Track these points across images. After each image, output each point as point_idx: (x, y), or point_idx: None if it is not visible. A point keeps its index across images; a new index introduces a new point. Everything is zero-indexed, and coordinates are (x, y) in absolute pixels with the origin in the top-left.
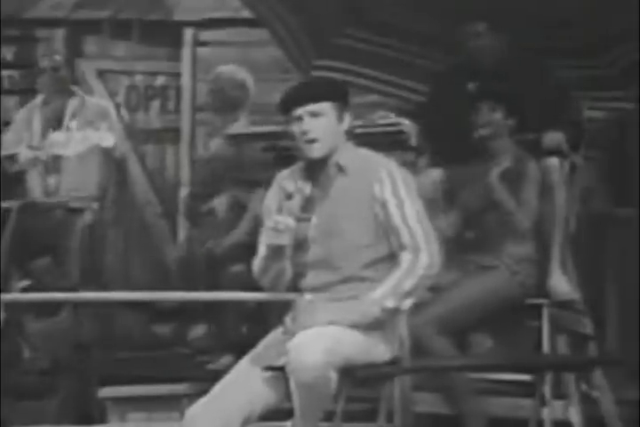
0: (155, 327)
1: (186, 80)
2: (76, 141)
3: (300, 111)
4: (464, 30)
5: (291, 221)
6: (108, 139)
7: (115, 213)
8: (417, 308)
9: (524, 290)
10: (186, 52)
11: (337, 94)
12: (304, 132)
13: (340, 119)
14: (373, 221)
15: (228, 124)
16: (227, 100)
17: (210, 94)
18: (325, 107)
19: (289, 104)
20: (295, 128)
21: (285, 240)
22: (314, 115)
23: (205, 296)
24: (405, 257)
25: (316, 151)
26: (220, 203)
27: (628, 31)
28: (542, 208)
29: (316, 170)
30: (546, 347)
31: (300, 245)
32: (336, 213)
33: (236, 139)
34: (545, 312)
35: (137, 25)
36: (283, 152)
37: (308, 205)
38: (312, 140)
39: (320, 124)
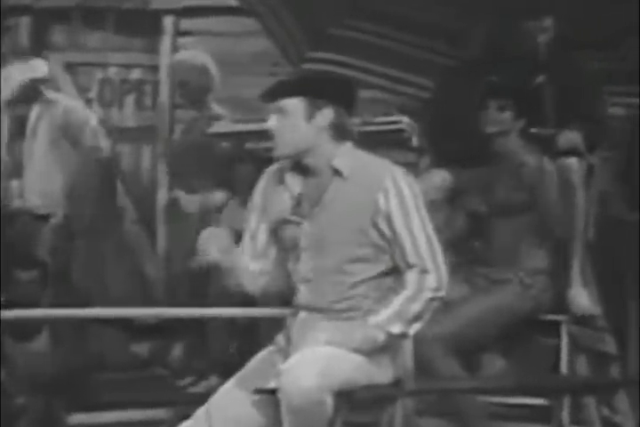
0: (133, 346)
1: (164, 74)
2: (6, 79)
3: (271, 107)
4: (531, 25)
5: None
6: (39, 68)
7: (85, 220)
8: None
9: (537, 305)
10: (164, 43)
11: (309, 89)
12: (270, 131)
13: (310, 117)
14: (375, 233)
15: (201, 117)
16: (192, 91)
17: (176, 88)
18: (291, 104)
19: (265, 99)
20: None
21: (212, 258)
22: (280, 111)
23: (189, 312)
24: (412, 278)
25: (277, 150)
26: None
27: None
28: (561, 214)
29: (306, 170)
30: (564, 367)
31: (290, 252)
32: (331, 221)
33: (218, 137)
34: (563, 329)
35: (110, 13)
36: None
37: (298, 207)
38: (275, 139)
39: (284, 123)
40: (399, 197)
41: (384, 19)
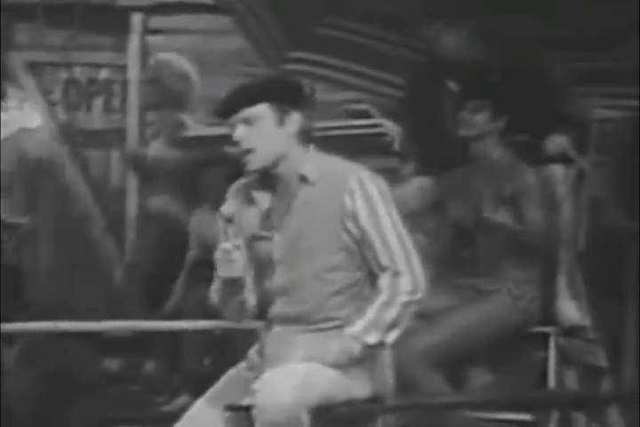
0: (102, 361)
1: (133, 74)
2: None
3: (232, 120)
4: (428, 29)
5: (240, 247)
6: (32, 119)
7: (51, 228)
8: (404, 337)
9: (527, 317)
10: (133, 42)
11: (274, 94)
12: (237, 142)
13: (281, 122)
14: (347, 238)
15: (172, 123)
16: (167, 95)
17: (147, 87)
18: (259, 111)
19: (222, 113)
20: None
21: (239, 271)
22: (246, 122)
23: (160, 326)
24: (385, 282)
25: (252, 163)
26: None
27: None
28: (547, 222)
29: (273, 180)
30: (552, 381)
31: (264, 268)
32: (302, 229)
33: (193, 142)
34: (551, 342)
35: (76, 10)
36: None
37: (267, 221)
38: (246, 151)
39: (254, 132)
40: (365, 198)
41: (366, 17)
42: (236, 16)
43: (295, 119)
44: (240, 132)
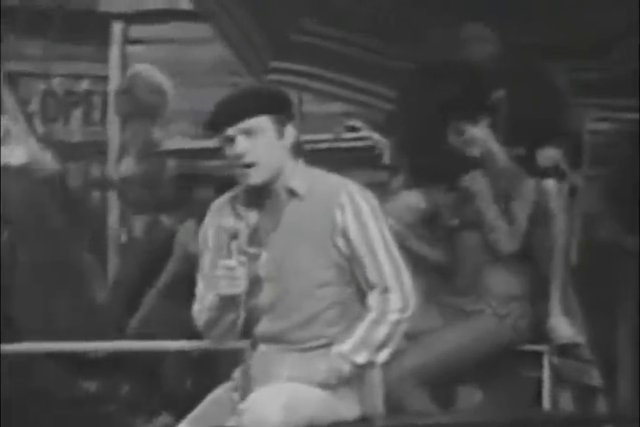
0: (80, 381)
1: (114, 85)
2: None
3: (231, 131)
4: (465, 31)
5: (245, 263)
6: (17, 155)
7: (29, 245)
8: (391, 357)
9: (517, 334)
10: (114, 51)
11: (274, 105)
12: (238, 156)
13: (281, 134)
14: (337, 254)
15: (144, 137)
16: (139, 107)
17: (119, 97)
18: (261, 122)
19: (217, 123)
20: (229, 151)
21: (241, 288)
22: (248, 133)
23: (141, 345)
24: (374, 299)
25: (255, 177)
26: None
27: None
28: (538, 237)
29: (260, 194)
30: (546, 401)
31: (251, 285)
32: (291, 245)
33: (167, 156)
34: (545, 360)
35: (55, 18)
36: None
37: (255, 237)
38: (249, 165)
39: (257, 145)
40: (355, 212)
41: (351, 24)
42: (216, 23)
43: (291, 132)
44: (242, 144)
